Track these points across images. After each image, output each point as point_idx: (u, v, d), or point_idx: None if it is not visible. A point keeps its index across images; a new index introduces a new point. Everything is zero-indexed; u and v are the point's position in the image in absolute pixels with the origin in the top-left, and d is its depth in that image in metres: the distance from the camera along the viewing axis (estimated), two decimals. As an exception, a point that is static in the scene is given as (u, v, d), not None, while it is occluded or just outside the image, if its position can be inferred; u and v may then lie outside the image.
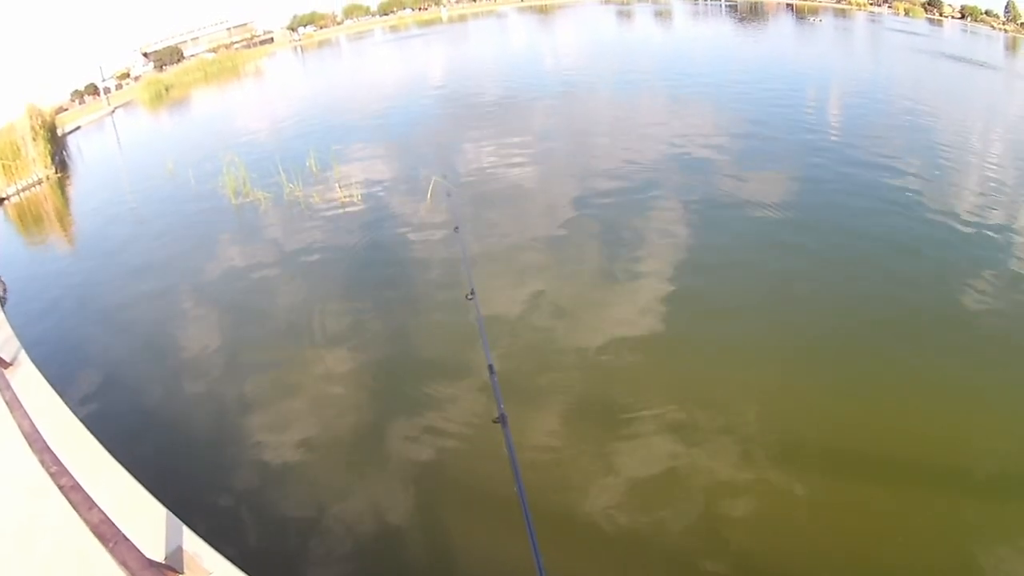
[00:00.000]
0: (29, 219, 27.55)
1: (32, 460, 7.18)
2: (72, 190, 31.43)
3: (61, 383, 10.44)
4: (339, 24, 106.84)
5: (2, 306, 15.02)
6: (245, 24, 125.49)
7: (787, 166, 19.43)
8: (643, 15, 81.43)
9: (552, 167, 20.85)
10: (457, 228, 13.40)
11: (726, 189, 17.67)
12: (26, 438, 6.99)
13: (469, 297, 8.25)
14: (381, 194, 20.16)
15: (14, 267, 20.01)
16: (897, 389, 10.01)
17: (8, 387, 8.34)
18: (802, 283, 13.09)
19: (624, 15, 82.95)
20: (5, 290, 17.34)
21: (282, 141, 29.52)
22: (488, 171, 20.94)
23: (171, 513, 6.75)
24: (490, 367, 6.89)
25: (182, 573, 5.95)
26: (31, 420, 7.26)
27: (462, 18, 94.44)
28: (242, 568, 6.07)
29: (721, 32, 62.92)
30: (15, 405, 7.74)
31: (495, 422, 5.98)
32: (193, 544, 6.29)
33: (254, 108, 44.41)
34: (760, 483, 8.29)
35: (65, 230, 24.65)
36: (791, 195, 17.17)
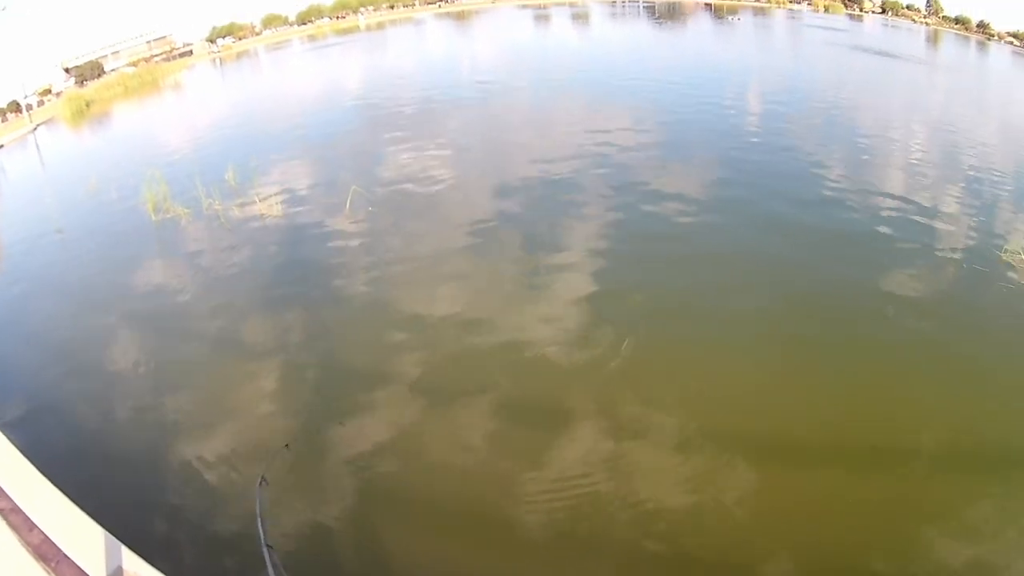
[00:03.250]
0: None
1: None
2: None
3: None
4: (258, 35, 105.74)
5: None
6: (164, 37, 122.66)
7: (705, 163, 20.62)
8: (560, 18, 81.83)
9: (470, 174, 21.87)
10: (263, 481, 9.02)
11: (646, 186, 18.95)
12: (-39, 464, 7.24)
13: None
14: (301, 204, 20.97)
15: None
16: (837, 374, 11.06)
17: (-61, 414, 8.52)
18: (735, 273, 14.21)
19: (542, 19, 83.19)
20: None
21: (202, 155, 29.94)
22: (407, 179, 21.84)
23: (109, 534, 6.95)
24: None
25: (123, 592, 6.26)
26: (-36, 445, 7.51)
27: (380, 26, 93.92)
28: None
29: (639, 33, 63.83)
30: (-53, 432, 7.94)
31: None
32: (133, 564, 6.55)
33: (174, 122, 44.17)
34: (699, 470, 9.05)
35: None
36: (713, 190, 18.49)
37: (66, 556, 5.38)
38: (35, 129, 54.94)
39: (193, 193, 22.09)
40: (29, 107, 63.94)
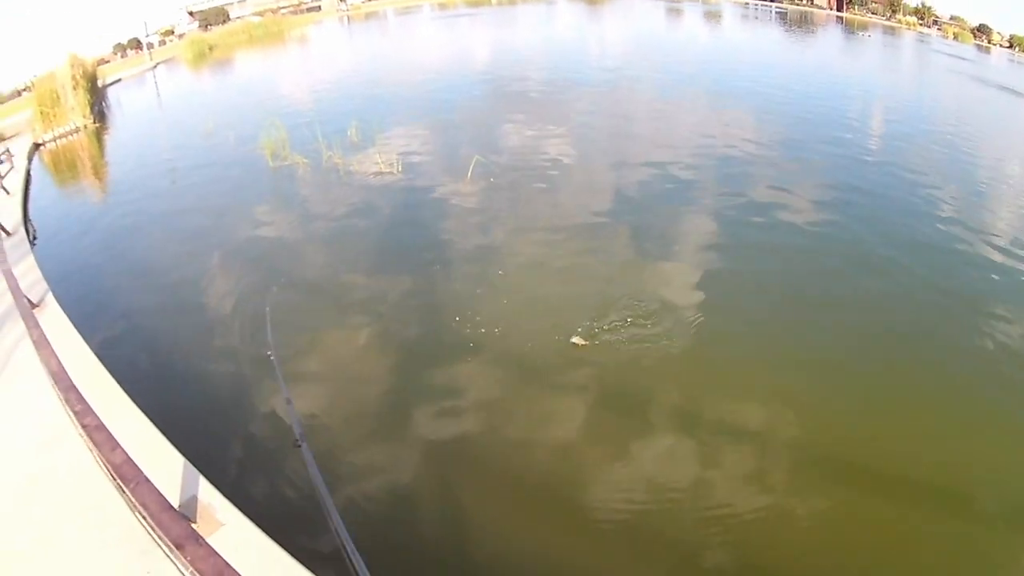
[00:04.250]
0: (64, 166, 27.75)
1: (54, 399, 7.28)
2: (109, 141, 31.47)
3: (86, 326, 10.46)
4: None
5: (32, 248, 15.14)
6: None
7: (822, 180, 19.01)
8: (692, 15, 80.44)
9: (590, 159, 20.62)
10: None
11: (759, 196, 17.34)
12: (52, 377, 6.89)
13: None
14: (422, 167, 20.00)
15: (46, 211, 20.34)
16: (917, 412, 9.85)
17: (36, 326, 8.25)
18: (829, 300, 12.81)
19: (674, 12, 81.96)
20: (35, 233, 17.41)
21: (323, 109, 29.36)
22: (528, 156, 20.70)
23: (188, 462, 6.73)
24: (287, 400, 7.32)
25: (195, 522, 5.85)
26: (58, 359, 7.15)
27: (511, 1, 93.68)
28: (255, 522, 6.03)
29: (768, 38, 62.13)
30: (42, 344, 7.63)
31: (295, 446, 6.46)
32: (208, 495, 6.29)
33: (297, 75, 44.13)
34: (773, 491, 8.24)
35: (99, 179, 24.87)
36: (824, 209, 16.80)
37: (146, 479, 5.03)
38: (155, 67, 55.78)
39: (313, 145, 21.43)
40: (150, 46, 65.14)
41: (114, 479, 5.51)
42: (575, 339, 10.98)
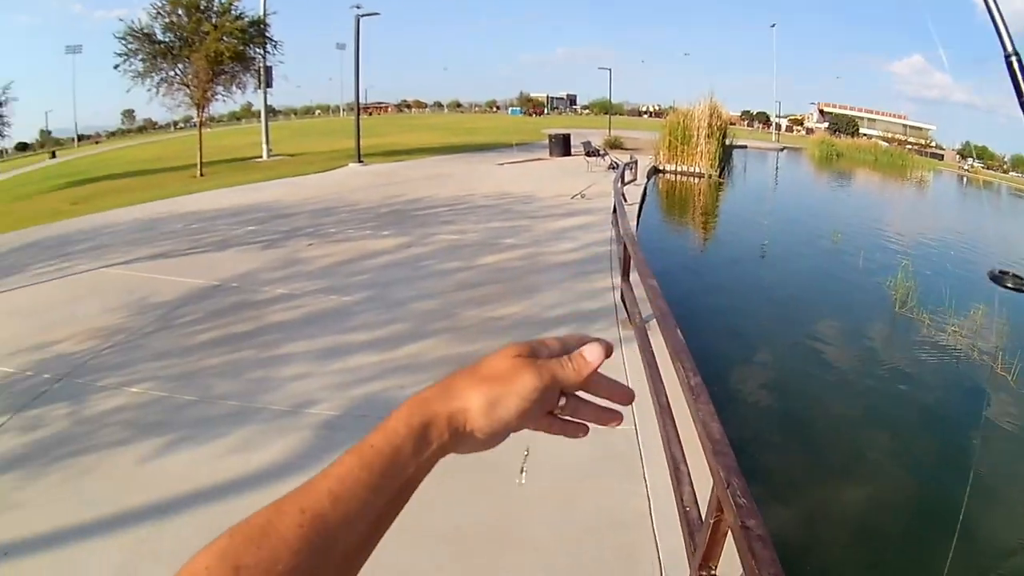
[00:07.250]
0: (676, 199, 29.23)
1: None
2: (724, 200, 32.42)
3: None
4: (1005, 172, 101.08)
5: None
6: (923, 130, 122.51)
7: None
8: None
9: None
10: None
11: None
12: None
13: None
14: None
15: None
16: None
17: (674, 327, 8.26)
18: None
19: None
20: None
21: (947, 268, 27.16)
22: None
23: None
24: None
25: None
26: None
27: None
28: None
29: None
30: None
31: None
32: None
33: (922, 219, 42.49)
34: None
35: (705, 230, 26.58)
36: None
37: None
38: (781, 150, 57.55)
39: (939, 308, 17.98)
40: (778, 127, 67.38)
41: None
42: None
